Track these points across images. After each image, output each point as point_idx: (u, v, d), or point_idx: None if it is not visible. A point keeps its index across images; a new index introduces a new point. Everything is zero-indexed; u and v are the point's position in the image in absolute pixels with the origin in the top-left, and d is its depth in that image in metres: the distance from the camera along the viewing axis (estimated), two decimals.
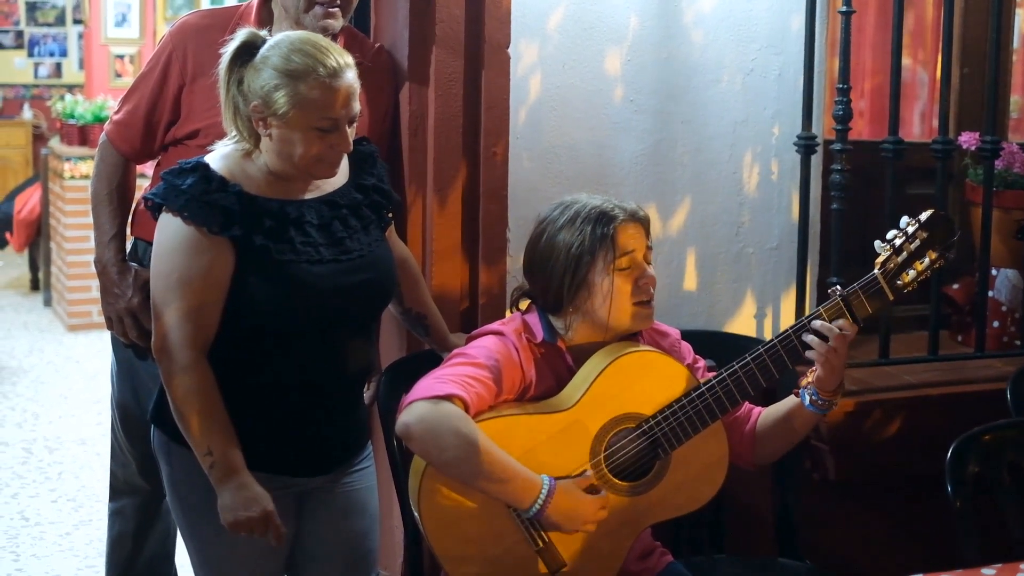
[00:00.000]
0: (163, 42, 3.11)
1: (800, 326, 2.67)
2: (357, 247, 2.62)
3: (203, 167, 2.52)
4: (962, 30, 4.44)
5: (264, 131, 2.51)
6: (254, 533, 2.49)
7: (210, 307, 2.49)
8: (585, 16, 3.35)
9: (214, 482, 2.49)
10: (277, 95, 2.47)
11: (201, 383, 2.48)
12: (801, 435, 2.83)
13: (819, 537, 3.34)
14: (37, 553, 4.50)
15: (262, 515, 2.48)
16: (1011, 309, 3.99)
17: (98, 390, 6.52)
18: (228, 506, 2.48)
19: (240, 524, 2.48)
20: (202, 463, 2.49)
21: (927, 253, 2.66)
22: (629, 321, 2.71)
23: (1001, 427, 2.97)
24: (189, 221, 2.47)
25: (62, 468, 5.41)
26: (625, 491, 2.68)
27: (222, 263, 2.49)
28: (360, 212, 2.66)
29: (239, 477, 2.49)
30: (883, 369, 3.62)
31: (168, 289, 2.49)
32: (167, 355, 2.49)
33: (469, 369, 2.61)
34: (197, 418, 2.48)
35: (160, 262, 2.52)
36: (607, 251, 2.66)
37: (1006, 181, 3.88)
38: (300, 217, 2.55)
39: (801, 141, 3.51)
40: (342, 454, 2.72)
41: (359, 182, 2.69)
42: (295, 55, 2.48)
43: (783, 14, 3.55)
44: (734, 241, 3.58)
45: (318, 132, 2.49)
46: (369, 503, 2.81)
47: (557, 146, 3.35)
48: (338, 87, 2.48)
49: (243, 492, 2.48)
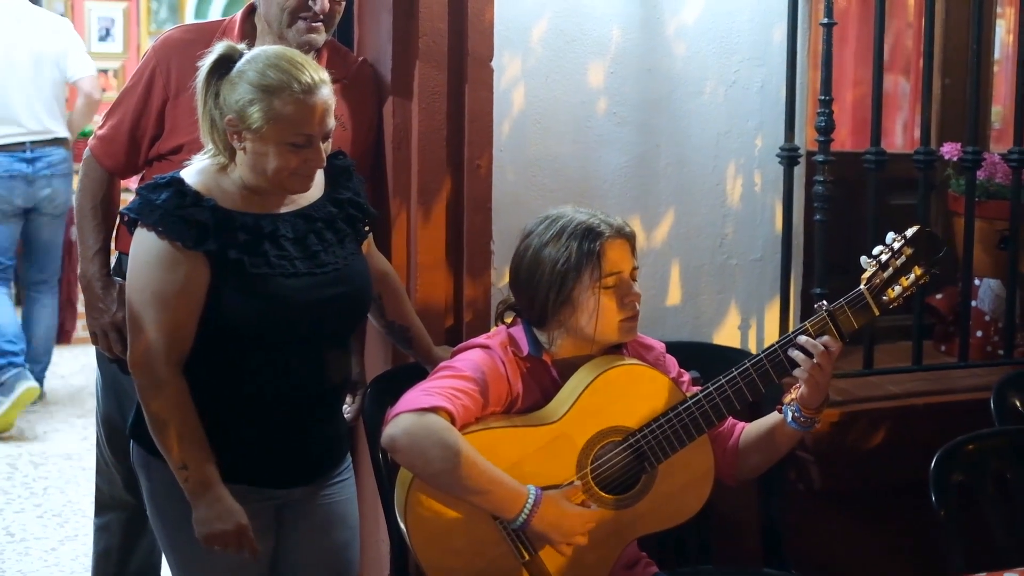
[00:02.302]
0: (147, 57, 3.11)
1: (786, 341, 2.68)
2: (332, 260, 2.62)
3: (177, 182, 2.52)
4: (943, 41, 4.46)
5: (239, 144, 2.52)
6: (228, 548, 2.51)
7: (185, 321, 2.50)
8: (568, 29, 3.35)
9: (189, 496, 2.51)
10: (252, 109, 2.48)
11: (176, 398, 2.49)
12: (783, 452, 2.83)
13: (805, 547, 3.34)
14: (23, 569, 4.48)
15: (236, 528, 2.50)
16: (994, 319, 4.01)
17: (83, 405, 6.50)
18: (202, 519, 2.50)
19: (214, 538, 2.50)
20: (178, 477, 2.51)
21: (913, 269, 2.67)
22: (614, 336, 2.72)
23: (985, 436, 2.98)
24: (163, 236, 2.48)
25: (47, 483, 5.39)
26: (611, 504, 2.68)
27: (197, 277, 2.49)
28: (335, 226, 2.66)
29: (213, 491, 2.50)
30: (867, 379, 3.63)
31: (143, 304, 2.50)
32: (142, 370, 2.50)
33: (455, 382, 2.62)
34: (173, 433, 2.49)
35: (135, 277, 2.53)
36: (593, 268, 2.66)
37: (988, 191, 3.89)
38: (275, 231, 2.55)
39: (784, 153, 3.53)
40: (321, 465, 2.73)
41: (334, 196, 2.69)
42: (270, 70, 2.48)
43: (765, 26, 3.56)
44: (718, 253, 3.59)
45: (291, 147, 2.49)
46: (349, 515, 2.81)
47: (541, 158, 3.36)
48: (313, 103, 2.49)
49: (217, 506, 2.49)
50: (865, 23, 4.90)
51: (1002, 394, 3.26)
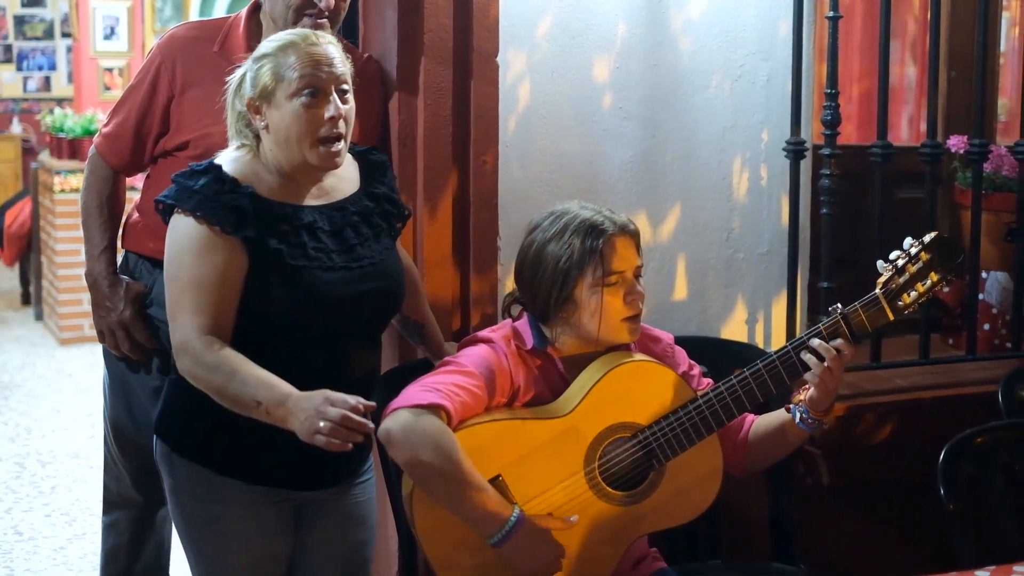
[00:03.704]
0: (152, 55, 3.11)
1: (799, 343, 2.67)
2: (368, 255, 2.61)
3: (216, 168, 2.52)
4: (949, 34, 4.46)
5: (260, 122, 2.52)
6: (338, 433, 2.33)
7: (226, 305, 2.46)
8: (573, 24, 3.35)
9: (278, 421, 2.39)
10: (262, 73, 2.50)
11: (224, 355, 2.42)
12: (794, 446, 2.83)
13: (813, 542, 3.34)
14: (32, 568, 4.49)
15: (340, 418, 2.33)
16: (1001, 311, 4.00)
17: (90, 403, 6.51)
18: (301, 429, 2.35)
19: (322, 431, 2.33)
20: (258, 417, 2.40)
21: (929, 275, 2.65)
22: (616, 335, 2.70)
23: (993, 429, 2.98)
24: (202, 220, 2.45)
25: (55, 482, 5.40)
26: (619, 500, 2.68)
27: (235, 263, 2.47)
28: (371, 220, 2.65)
29: (292, 399, 2.37)
30: (875, 373, 3.62)
31: (182, 290, 2.46)
32: (187, 351, 2.45)
33: (457, 377, 2.61)
34: (232, 384, 2.41)
35: (173, 263, 2.50)
36: (596, 266, 2.64)
37: (995, 184, 3.89)
38: (313, 222, 2.54)
39: (790, 146, 3.52)
40: (345, 468, 2.69)
41: (370, 190, 2.68)
42: (278, 38, 2.53)
43: (771, 20, 3.55)
44: (724, 247, 3.59)
45: (304, 101, 2.48)
46: (369, 515, 2.80)
47: (547, 154, 3.36)
48: (316, 52, 2.50)
49: (304, 403, 2.36)
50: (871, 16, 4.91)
51: (1010, 387, 3.26)
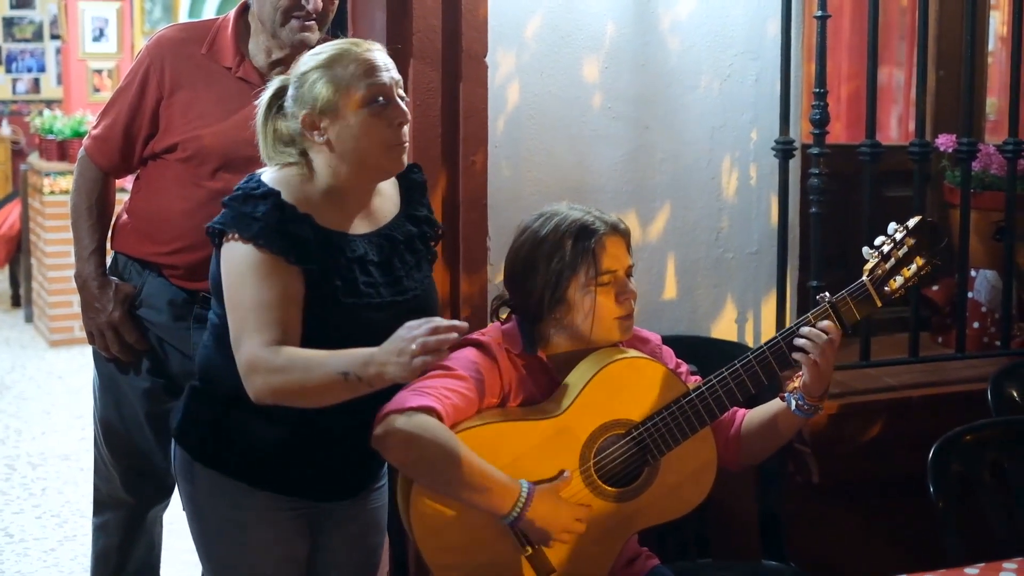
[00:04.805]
0: (140, 56, 3.11)
1: (789, 333, 2.68)
2: (412, 287, 2.58)
3: (275, 195, 2.44)
4: (937, 33, 4.47)
5: (320, 138, 2.46)
6: (428, 346, 2.24)
7: (292, 322, 2.40)
8: (562, 24, 3.36)
9: (374, 381, 2.31)
10: (318, 88, 2.44)
11: (291, 351, 2.36)
12: (787, 437, 2.83)
13: (803, 539, 3.34)
14: (22, 570, 4.48)
15: (416, 331, 2.25)
16: (991, 310, 4.01)
17: (81, 405, 6.49)
18: (399, 371, 2.27)
19: (418, 353, 2.24)
20: (351, 393, 2.34)
21: (915, 259, 2.66)
22: (610, 334, 2.71)
23: (982, 427, 2.99)
24: (263, 249, 2.40)
25: (46, 484, 5.39)
26: (614, 497, 2.68)
27: (296, 289, 2.42)
28: (414, 246, 2.62)
29: (375, 353, 2.29)
30: (864, 371, 3.63)
31: (247, 313, 2.40)
32: (256, 368, 2.37)
33: (447, 381, 2.60)
34: (311, 373, 2.34)
35: (235, 290, 2.43)
36: (588, 266, 2.65)
37: (983, 183, 3.90)
38: (364, 255, 2.50)
39: (779, 146, 3.53)
40: (365, 481, 2.71)
41: (412, 212, 2.65)
42: (323, 50, 2.48)
43: (759, 20, 3.56)
44: (714, 246, 3.60)
45: (371, 110, 2.44)
46: (383, 519, 2.81)
47: (536, 154, 3.36)
48: (373, 57, 2.47)
49: (389, 347, 2.28)
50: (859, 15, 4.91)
51: (999, 385, 3.27)
